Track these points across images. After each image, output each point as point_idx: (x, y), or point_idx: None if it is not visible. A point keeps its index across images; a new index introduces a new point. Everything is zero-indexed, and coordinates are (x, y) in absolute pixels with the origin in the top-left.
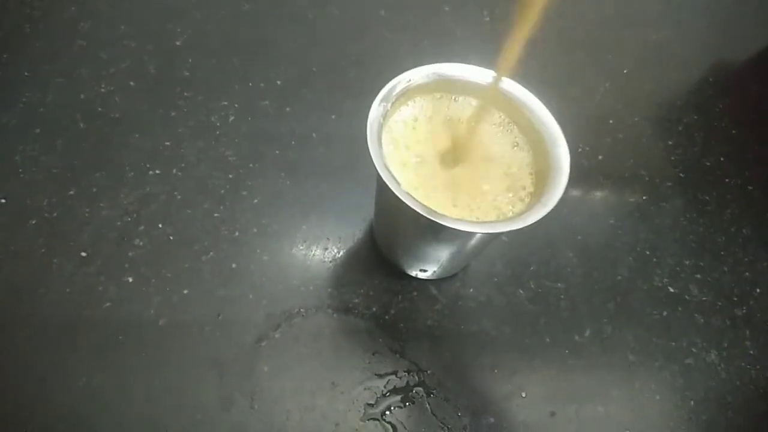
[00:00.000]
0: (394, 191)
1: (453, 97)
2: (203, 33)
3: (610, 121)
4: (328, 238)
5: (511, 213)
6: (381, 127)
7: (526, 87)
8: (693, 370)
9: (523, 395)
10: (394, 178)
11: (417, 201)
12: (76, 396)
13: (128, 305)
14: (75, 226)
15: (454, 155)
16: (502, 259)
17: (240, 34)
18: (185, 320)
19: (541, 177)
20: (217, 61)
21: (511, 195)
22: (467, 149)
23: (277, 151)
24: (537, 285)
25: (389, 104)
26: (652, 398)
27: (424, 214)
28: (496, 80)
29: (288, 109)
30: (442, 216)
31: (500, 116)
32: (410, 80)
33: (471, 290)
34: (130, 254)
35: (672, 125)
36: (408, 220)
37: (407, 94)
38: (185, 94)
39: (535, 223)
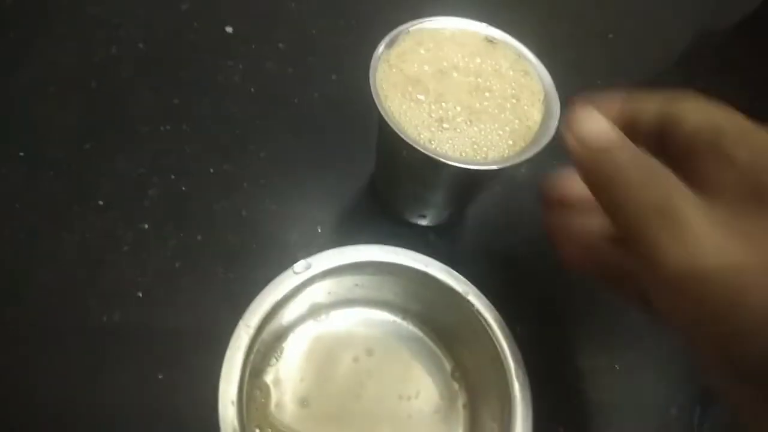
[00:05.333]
0: (390, 124)
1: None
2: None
3: (598, 82)
4: (331, 191)
5: (507, 153)
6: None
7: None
8: None
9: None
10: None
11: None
12: (96, 332)
13: (146, 249)
14: (92, 177)
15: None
16: (497, 207)
17: (243, 1)
18: (200, 262)
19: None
20: (222, 25)
21: (511, 142)
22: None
23: (281, 109)
24: (532, 232)
25: (391, 47)
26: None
27: (417, 147)
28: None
29: (290, 70)
30: (433, 151)
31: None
32: (411, 27)
33: (469, 236)
34: (145, 203)
35: (655, 88)
36: (404, 158)
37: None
38: (192, 56)
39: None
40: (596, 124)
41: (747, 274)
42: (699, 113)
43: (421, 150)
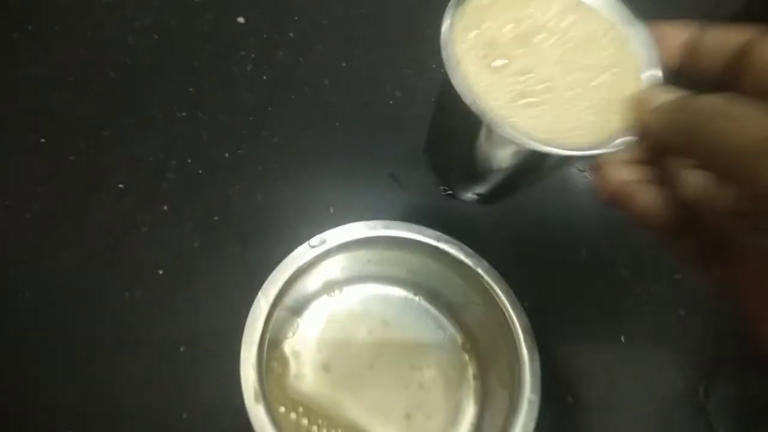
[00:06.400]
0: (465, 98)
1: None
2: None
3: None
4: (342, 174)
5: (598, 135)
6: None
7: None
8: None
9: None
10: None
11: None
12: (117, 308)
13: (165, 230)
14: (111, 162)
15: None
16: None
17: None
18: (218, 241)
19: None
20: (234, 15)
21: (604, 123)
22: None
23: (292, 97)
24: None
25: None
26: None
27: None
28: None
29: (301, 59)
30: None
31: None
32: None
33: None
34: (164, 186)
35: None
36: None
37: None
38: (205, 46)
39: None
40: (662, 95)
41: None
42: None
43: (506, 134)
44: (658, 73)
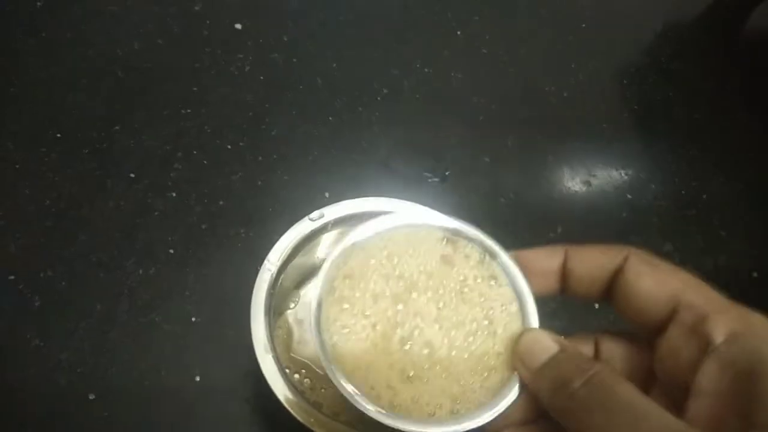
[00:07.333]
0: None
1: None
2: None
3: (572, 66)
4: (336, 162)
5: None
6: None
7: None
8: None
9: None
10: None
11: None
12: (132, 284)
13: (174, 214)
14: (122, 153)
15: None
16: None
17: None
18: (223, 223)
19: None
20: (231, 22)
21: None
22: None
23: (288, 94)
24: None
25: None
26: None
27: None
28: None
29: (295, 60)
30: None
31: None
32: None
33: None
34: (171, 174)
35: (625, 67)
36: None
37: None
38: (206, 49)
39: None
40: (544, 348)
41: None
42: (650, 280)
43: (384, 421)
44: (531, 306)
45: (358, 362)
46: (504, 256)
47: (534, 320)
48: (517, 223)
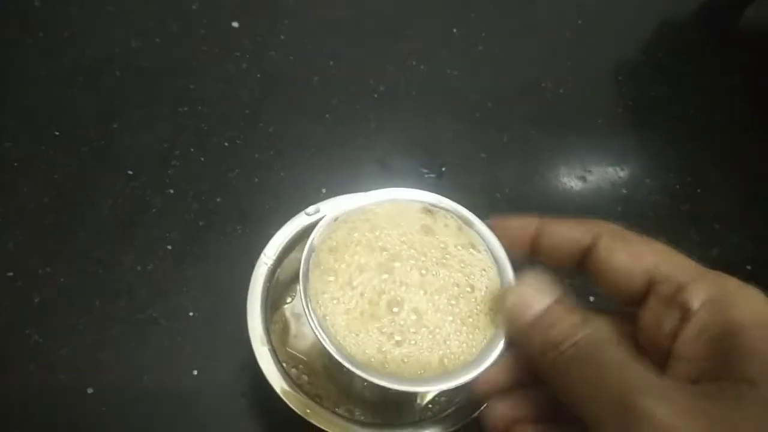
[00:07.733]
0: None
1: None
2: None
3: (568, 62)
4: (332, 159)
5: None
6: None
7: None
8: None
9: None
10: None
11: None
12: (130, 279)
13: (172, 210)
14: (121, 150)
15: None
16: None
17: None
18: (220, 220)
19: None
20: (228, 20)
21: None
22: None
23: (285, 91)
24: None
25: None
26: None
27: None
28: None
29: (291, 58)
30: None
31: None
32: None
33: None
34: (169, 172)
35: (621, 63)
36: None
37: None
38: (203, 47)
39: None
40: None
41: None
42: (624, 255)
43: (377, 382)
44: (509, 272)
45: (349, 330)
46: (480, 225)
47: (512, 282)
48: None
